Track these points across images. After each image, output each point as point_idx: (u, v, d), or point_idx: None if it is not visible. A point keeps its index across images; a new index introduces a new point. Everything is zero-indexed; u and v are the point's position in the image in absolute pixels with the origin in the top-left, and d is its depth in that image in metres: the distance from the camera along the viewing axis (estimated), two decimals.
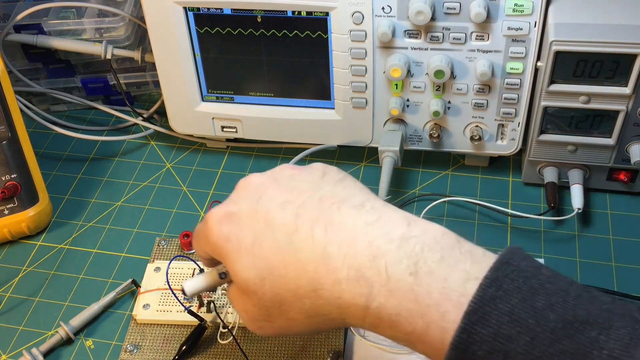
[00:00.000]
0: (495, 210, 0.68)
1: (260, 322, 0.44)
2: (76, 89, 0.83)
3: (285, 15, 0.64)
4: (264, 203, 0.42)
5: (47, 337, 0.61)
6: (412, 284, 0.37)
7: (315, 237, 0.40)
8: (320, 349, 0.58)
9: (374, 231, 0.39)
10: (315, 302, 0.40)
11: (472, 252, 0.38)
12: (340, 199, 0.42)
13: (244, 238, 0.42)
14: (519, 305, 0.34)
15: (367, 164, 0.75)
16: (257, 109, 0.72)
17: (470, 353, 0.34)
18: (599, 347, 0.33)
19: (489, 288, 0.35)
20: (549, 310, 0.34)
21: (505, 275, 0.36)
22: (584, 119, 0.63)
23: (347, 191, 0.43)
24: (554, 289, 0.35)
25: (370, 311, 0.38)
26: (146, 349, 0.59)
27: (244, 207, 0.43)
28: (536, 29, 0.60)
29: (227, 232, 0.43)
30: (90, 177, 0.77)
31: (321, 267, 0.39)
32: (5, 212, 0.68)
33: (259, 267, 0.41)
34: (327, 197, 0.42)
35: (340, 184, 0.44)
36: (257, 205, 0.43)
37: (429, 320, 0.36)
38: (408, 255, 0.38)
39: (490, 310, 0.34)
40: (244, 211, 0.43)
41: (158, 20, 0.66)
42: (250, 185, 0.45)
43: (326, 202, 0.41)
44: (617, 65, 0.58)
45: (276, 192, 0.43)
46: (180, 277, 0.63)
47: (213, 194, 0.73)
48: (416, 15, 0.60)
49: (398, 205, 0.70)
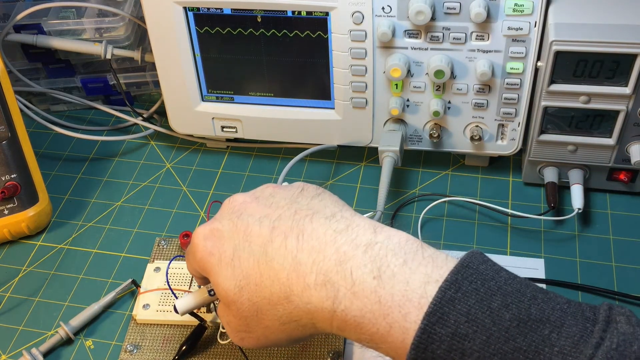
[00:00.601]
0: (495, 210, 0.68)
1: (241, 332, 0.46)
2: (76, 89, 0.83)
3: (285, 15, 0.64)
4: (244, 219, 0.46)
5: (47, 337, 0.61)
6: (375, 287, 0.39)
7: (288, 246, 0.43)
8: (320, 349, 0.58)
9: (342, 238, 0.42)
10: (287, 308, 0.43)
11: (434, 256, 0.40)
12: (314, 210, 0.45)
13: (224, 252, 0.45)
14: (475, 305, 0.36)
15: (367, 164, 0.75)
16: (257, 109, 0.72)
17: (430, 352, 0.37)
18: (551, 345, 0.35)
19: (448, 290, 0.37)
20: (505, 310, 0.36)
21: (464, 278, 0.38)
22: (584, 119, 0.63)
23: (322, 204, 0.46)
24: (510, 290, 0.37)
25: (337, 314, 0.40)
26: (146, 349, 0.59)
27: (225, 224, 0.46)
28: (536, 29, 0.60)
29: (210, 247, 0.46)
30: (90, 177, 0.76)
31: (292, 273, 0.42)
32: (5, 212, 0.68)
33: (237, 277, 0.44)
34: (301, 210, 0.45)
35: (317, 197, 0.46)
36: (238, 221, 0.46)
37: (392, 321, 0.38)
38: (372, 260, 0.40)
39: (448, 311, 0.36)
40: (226, 227, 0.46)
41: (158, 20, 0.66)
42: (233, 204, 0.48)
43: (300, 214, 0.44)
44: (617, 65, 0.58)
45: (256, 208, 0.46)
46: (180, 277, 0.63)
47: (213, 194, 0.73)
48: (416, 15, 0.60)
49: (398, 206, 0.70)
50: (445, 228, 0.68)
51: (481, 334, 0.36)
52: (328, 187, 0.73)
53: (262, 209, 0.46)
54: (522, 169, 0.71)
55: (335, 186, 0.73)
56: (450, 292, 0.37)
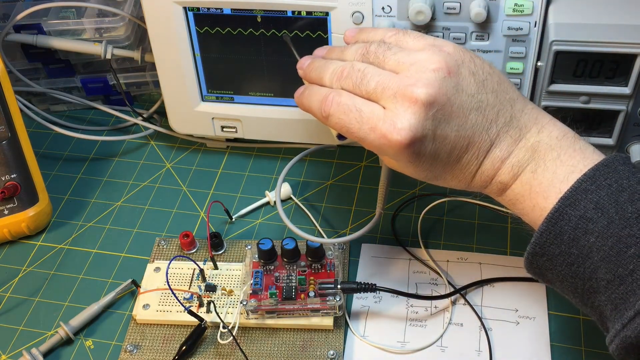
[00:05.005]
0: (495, 210, 0.68)
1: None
2: (76, 88, 0.83)
3: (285, 15, 0.64)
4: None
5: (47, 337, 0.61)
6: (530, 178, 0.48)
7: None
8: (320, 349, 0.58)
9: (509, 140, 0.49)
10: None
11: (583, 149, 0.48)
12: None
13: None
14: (605, 197, 0.44)
15: (367, 164, 0.75)
16: (257, 109, 0.72)
17: (559, 227, 0.45)
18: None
19: (584, 182, 0.45)
20: (629, 203, 0.44)
21: (601, 174, 0.45)
22: (584, 119, 0.62)
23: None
24: (639, 189, 0.44)
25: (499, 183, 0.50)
26: (146, 349, 0.59)
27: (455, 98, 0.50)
28: (536, 29, 0.60)
29: None
30: (90, 177, 0.76)
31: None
32: (5, 212, 0.68)
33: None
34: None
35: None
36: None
37: (535, 202, 0.48)
38: (534, 159, 0.48)
39: (580, 198, 0.45)
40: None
41: (158, 20, 0.66)
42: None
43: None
44: (617, 65, 0.58)
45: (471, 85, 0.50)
46: (180, 277, 0.63)
47: (213, 194, 0.73)
48: (416, 15, 0.60)
49: (398, 206, 0.70)
50: (445, 228, 0.68)
51: (604, 219, 0.44)
52: (328, 187, 0.73)
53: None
54: None
55: (335, 186, 0.73)
56: (586, 184, 0.45)
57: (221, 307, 0.61)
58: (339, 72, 0.51)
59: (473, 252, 0.65)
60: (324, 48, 0.58)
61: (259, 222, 0.70)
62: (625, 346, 0.43)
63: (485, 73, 0.50)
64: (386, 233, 0.68)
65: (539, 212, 0.47)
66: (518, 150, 0.49)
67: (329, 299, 0.58)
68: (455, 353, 0.58)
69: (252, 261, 0.61)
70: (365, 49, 0.52)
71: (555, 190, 0.46)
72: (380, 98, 0.49)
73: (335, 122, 0.51)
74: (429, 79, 0.47)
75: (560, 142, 0.48)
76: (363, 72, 0.50)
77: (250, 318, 0.59)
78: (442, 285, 0.63)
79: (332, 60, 0.54)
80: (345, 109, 0.50)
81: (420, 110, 0.47)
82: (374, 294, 0.62)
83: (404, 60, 0.49)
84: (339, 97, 0.50)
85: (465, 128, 0.48)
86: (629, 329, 0.42)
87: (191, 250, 0.66)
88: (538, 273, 0.49)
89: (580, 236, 0.45)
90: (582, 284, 0.46)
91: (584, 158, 0.47)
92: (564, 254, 0.46)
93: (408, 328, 0.60)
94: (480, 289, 0.63)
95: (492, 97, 0.49)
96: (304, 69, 0.56)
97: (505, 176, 0.49)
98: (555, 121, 0.50)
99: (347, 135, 0.51)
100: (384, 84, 0.48)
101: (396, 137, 0.47)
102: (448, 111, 0.48)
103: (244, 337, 0.59)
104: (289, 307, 0.58)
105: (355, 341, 0.59)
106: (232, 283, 0.63)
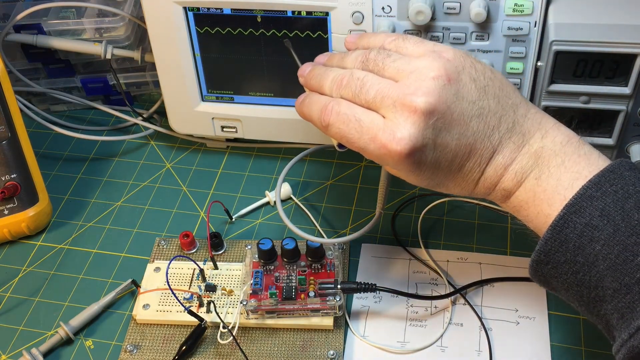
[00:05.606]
0: (495, 210, 0.68)
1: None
2: (76, 88, 0.83)
3: (285, 15, 0.64)
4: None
5: (47, 337, 0.61)
6: (533, 185, 0.47)
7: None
8: (320, 349, 0.58)
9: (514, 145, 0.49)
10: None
11: (588, 154, 0.47)
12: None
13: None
14: (611, 204, 0.44)
15: (367, 163, 0.75)
16: (257, 109, 0.72)
17: (564, 235, 0.45)
18: None
19: (589, 189, 0.44)
20: (635, 210, 0.43)
21: (606, 180, 0.44)
22: (584, 119, 0.62)
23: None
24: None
25: (502, 190, 0.50)
26: (146, 349, 0.59)
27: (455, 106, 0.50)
28: (536, 29, 0.60)
29: None
30: (90, 177, 0.76)
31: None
32: (5, 212, 0.68)
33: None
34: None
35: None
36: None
37: (539, 210, 0.47)
38: (538, 165, 0.48)
39: (586, 205, 0.44)
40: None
41: (158, 20, 0.66)
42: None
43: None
44: (617, 65, 0.58)
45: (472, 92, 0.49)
46: (180, 277, 0.63)
47: (213, 194, 0.73)
48: (416, 15, 0.60)
49: (398, 206, 0.70)
50: (445, 228, 0.68)
51: (610, 226, 0.43)
52: (328, 187, 0.73)
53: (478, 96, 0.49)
54: None
55: (335, 186, 0.73)
56: (591, 190, 0.44)
57: (221, 307, 0.61)
58: (339, 80, 0.51)
59: (473, 252, 0.65)
60: (325, 55, 0.57)
61: (259, 222, 0.70)
62: (633, 356, 0.42)
63: (486, 78, 0.49)
64: (386, 233, 0.68)
65: (544, 219, 0.47)
66: (521, 157, 0.48)
67: (329, 299, 0.58)
68: (455, 353, 0.58)
69: (252, 261, 0.61)
70: (364, 57, 0.51)
71: (559, 197, 0.46)
72: (379, 107, 0.48)
73: (335, 132, 0.50)
74: (429, 88, 0.47)
75: (565, 147, 0.47)
76: (362, 81, 0.49)
77: (250, 318, 0.59)
78: (442, 285, 0.63)
79: (332, 67, 0.54)
80: (344, 119, 0.49)
81: (420, 120, 0.46)
82: (374, 294, 0.62)
83: (404, 68, 0.49)
84: (339, 106, 0.50)
85: (467, 136, 0.48)
86: (636, 338, 0.41)
87: (191, 250, 0.66)
88: (543, 281, 0.49)
89: (586, 244, 0.44)
90: (587, 293, 0.45)
91: (589, 164, 0.46)
92: (569, 262, 0.45)
93: (408, 328, 0.60)
94: (480, 289, 0.63)
95: (494, 103, 0.49)
96: (304, 76, 0.56)
97: (509, 183, 0.49)
98: (559, 125, 0.49)
99: (347, 145, 0.51)
100: (383, 92, 0.48)
101: (396, 147, 0.47)
102: (448, 119, 0.47)
103: (244, 337, 0.59)
104: (289, 307, 0.58)
105: (355, 341, 0.59)
106: (232, 283, 0.63)
